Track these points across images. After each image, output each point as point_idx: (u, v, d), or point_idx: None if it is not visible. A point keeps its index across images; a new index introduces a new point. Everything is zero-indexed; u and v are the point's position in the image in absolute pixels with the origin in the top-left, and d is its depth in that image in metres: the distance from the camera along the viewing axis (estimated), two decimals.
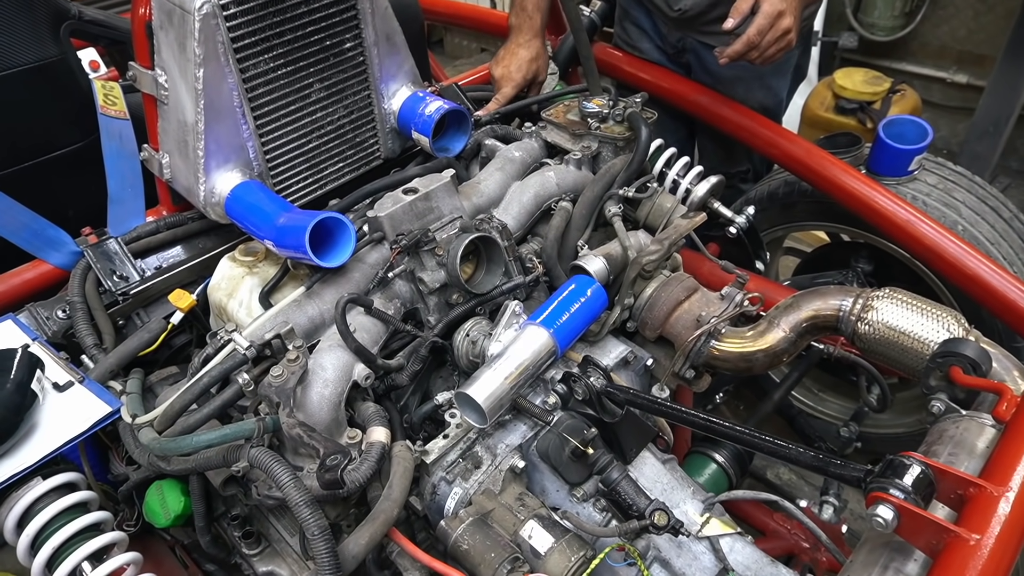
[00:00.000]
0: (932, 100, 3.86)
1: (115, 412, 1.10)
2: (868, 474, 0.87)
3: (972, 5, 3.56)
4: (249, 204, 1.29)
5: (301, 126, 1.40)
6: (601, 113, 1.53)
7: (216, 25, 1.19)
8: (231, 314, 1.28)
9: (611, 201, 1.43)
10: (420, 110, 1.48)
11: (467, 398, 1.11)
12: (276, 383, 1.02)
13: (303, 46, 1.33)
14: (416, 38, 1.99)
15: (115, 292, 1.33)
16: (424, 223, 1.30)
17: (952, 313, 1.18)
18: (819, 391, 2.30)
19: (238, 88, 1.27)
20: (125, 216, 1.46)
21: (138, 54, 1.35)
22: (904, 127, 1.77)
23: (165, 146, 1.38)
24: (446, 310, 1.30)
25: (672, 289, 1.36)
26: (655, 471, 1.28)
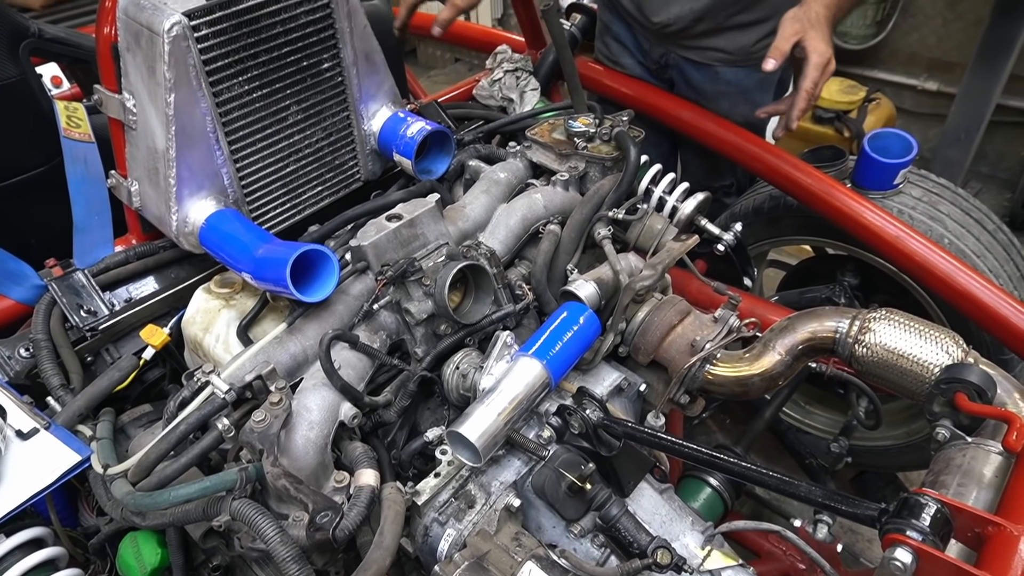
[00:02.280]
0: (904, 107, 3.91)
1: (85, 461, 1.03)
2: (883, 513, 0.84)
3: (941, 13, 3.61)
4: (225, 234, 1.23)
5: (278, 150, 1.34)
6: (588, 132, 1.50)
7: (187, 47, 1.14)
8: (207, 350, 1.22)
9: (600, 223, 1.40)
10: (402, 131, 1.43)
11: (460, 436, 1.06)
12: (258, 429, 0.96)
13: (279, 67, 1.28)
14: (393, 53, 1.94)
15: (82, 328, 1.26)
16: (409, 251, 1.25)
17: (951, 335, 1.16)
18: (806, 404, 2.28)
19: (211, 112, 1.21)
20: (92, 246, 1.38)
21: (103, 77, 1.28)
22: (889, 141, 1.76)
23: (134, 173, 1.31)
24: (434, 341, 1.25)
25: (665, 313, 1.33)
26: (653, 502, 1.25)
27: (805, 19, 1.42)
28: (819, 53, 1.40)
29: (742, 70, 1.81)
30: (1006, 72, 3.18)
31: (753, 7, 1.71)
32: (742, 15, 1.73)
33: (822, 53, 1.40)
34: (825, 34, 1.42)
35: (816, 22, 1.42)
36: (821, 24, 1.42)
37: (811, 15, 1.42)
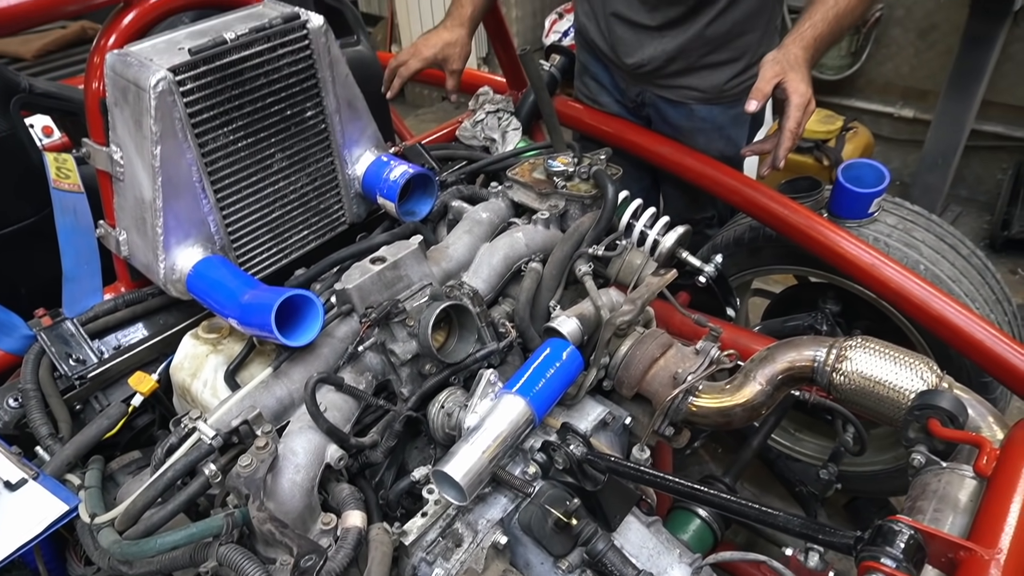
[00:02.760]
0: (882, 134, 3.99)
1: (72, 511, 1.04)
2: (858, 541, 0.85)
3: (913, 43, 3.71)
4: (212, 281, 1.25)
5: (263, 196, 1.37)
6: (566, 171, 1.54)
7: (173, 101, 1.17)
8: (195, 395, 1.23)
9: (581, 260, 1.43)
10: (385, 175, 1.47)
11: (445, 476, 1.07)
12: (245, 473, 0.98)
13: (263, 117, 1.31)
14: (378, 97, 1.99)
15: (71, 376, 1.27)
16: (393, 292, 1.28)
17: (925, 361, 1.19)
18: (795, 431, 2.30)
19: (197, 163, 1.24)
20: (81, 295, 1.40)
21: (92, 130, 1.31)
22: (862, 170, 1.81)
23: (122, 223, 1.34)
24: (419, 381, 1.27)
25: (647, 347, 1.35)
26: (640, 536, 1.25)
27: (784, 61, 1.48)
28: (799, 94, 1.45)
29: (716, 107, 1.86)
30: (978, 98, 3.27)
31: (722, 48, 1.77)
32: (712, 55, 1.78)
33: (802, 94, 1.46)
34: (804, 75, 1.48)
35: (795, 64, 1.47)
36: (800, 66, 1.47)
37: (790, 58, 1.48)
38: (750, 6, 1.71)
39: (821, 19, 1.48)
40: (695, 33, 1.74)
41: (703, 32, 1.74)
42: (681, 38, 1.76)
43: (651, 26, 1.78)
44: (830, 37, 1.51)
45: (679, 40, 1.76)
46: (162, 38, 1.26)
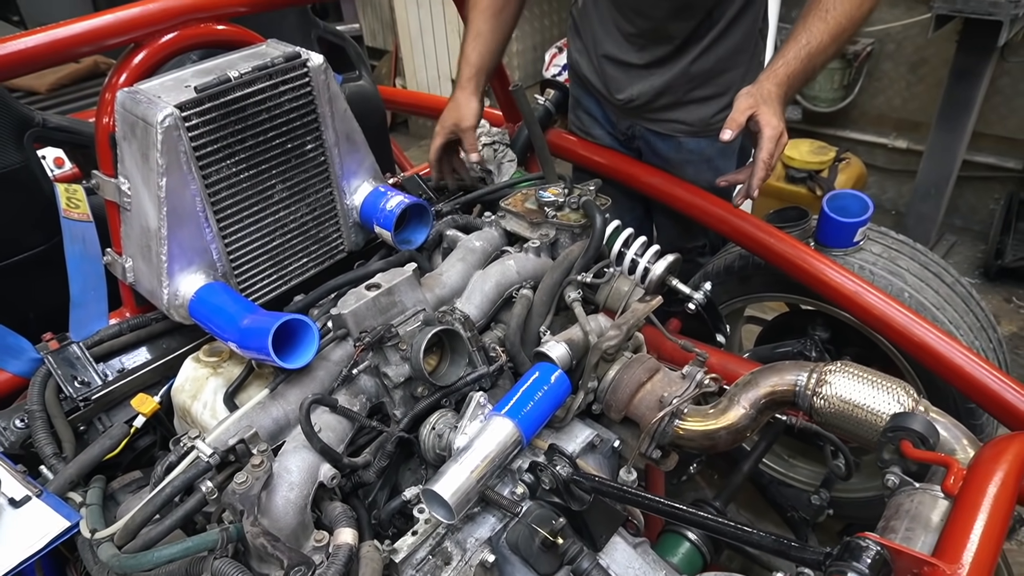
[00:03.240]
0: (877, 164, 4.06)
1: (73, 527, 1.08)
2: (827, 556, 0.89)
3: (904, 76, 3.79)
4: (213, 306, 1.30)
5: (264, 225, 1.43)
6: (557, 201, 1.59)
7: (178, 136, 1.23)
8: (195, 416, 1.28)
9: (570, 287, 1.47)
10: (382, 205, 1.52)
11: (434, 494, 1.11)
12: (240, 490, 1.02)
13: (265, 150, 1.37)
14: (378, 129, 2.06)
15: (76, 398, 1.32)
16: (387, 317, 1.32)
17: (902, 384, 1.23)
18: (789, 457, 2.32)
19: (200, 194, 1.30)
20: (87, 319, 1.46)
21: (101, 163, 1.38)
22: (847, 201, 1.86)
23: (128, 250, 1.40)
24: (412, 403, 1.31)
25: (634, 371, 1.39)
26: (626, 556, 1.28)
27: (757, 95, 1.53)
28: (771, 127, 1.51)
29: (704, 140, 1.92)
30: (968, 130, 3.34)
31: (707, 84, 1.84)
32: (698, 91, 1.85)
33: (775, 127, 1.51)
34: (776, 109, 1.53)
35: (767, 98, 1.53)
36: (772, 100, 1.53)
37: (763, 92, 1.53)
38: (732, 44, 1.78)
39: (794, 57, 1.53)
40: (680, 70, 1.81)
41: (688, 69, 1.81)
42: (667, 75, 1.83)
43: (639, 64, 1.86)
44: (803, 75, 1.55)
45: (666, 77, 1.83)
46: (170, 76, 1.33)
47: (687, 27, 1.77)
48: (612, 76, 1.91)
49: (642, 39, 1.84)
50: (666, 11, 1.76)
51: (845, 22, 1.52)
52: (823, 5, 1.52)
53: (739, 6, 1.75)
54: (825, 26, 1.51)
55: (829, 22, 1.51)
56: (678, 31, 1.80)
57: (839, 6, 1.51)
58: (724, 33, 1.78)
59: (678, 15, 1.76)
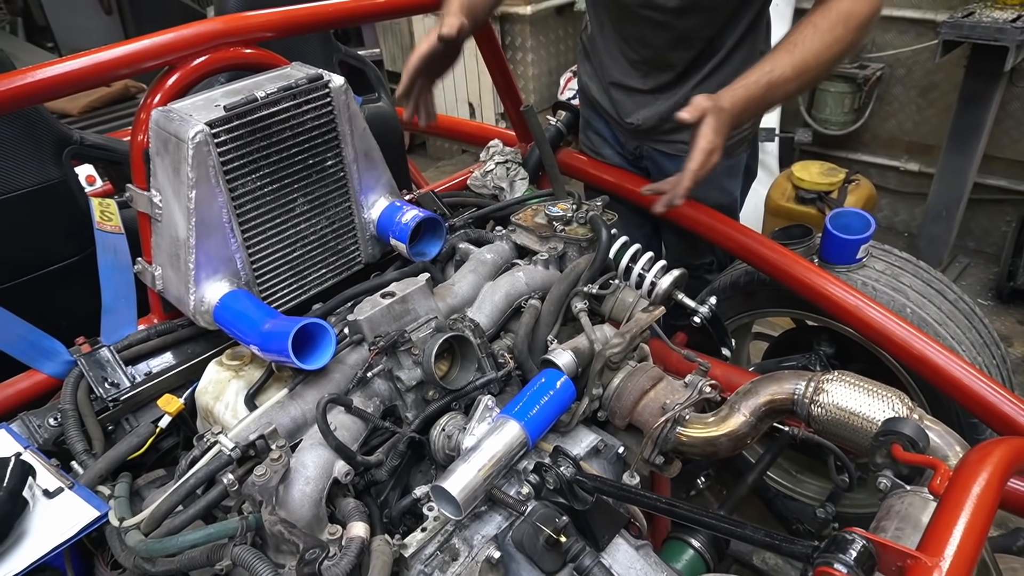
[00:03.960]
0: (888, 187, 4.09)
1: (103, 516, 1.14)
2: (815, 550, 0.93)
3: (914, 101, 3.84)
4: (236, 312, 1.37)
5: (286, 237, 1.51)
6: (565, 216, 1.66)
7: (208, 151, 1.31)
8: (217, 416, 1.34)
9: (577, 298, 1.53)
10: (397, 219, 1.60)
11: (442, 491, 1.16)
12: (259, 482, 1.08)
13: (288, 165, 1.45)
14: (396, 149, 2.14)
15: (106, 399, 1.39)
16: (401, 324, 1.39)
17: (897, 393, 1.26)
18: (797, 472, 2.34)
19: (227, 206, 1.38)
20: (118, 325, 1.53)
21: (135, 177, 1.46)
22: (849, 219, 1.91)
23: (158, 259, 1.48)
24: (423, 406, 1.37)
25: (638, 379, 1.44)
26: (628, 557, 1.32)
27: (711, 104, 1.48)
28: (707, 140, 1.47)
29: None
30: (978, 154, 3.37)
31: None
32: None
33: (710, 141, 1.48)
34: (719, 125, 1.48)
35: (718, 112, 1.48)
36: (720, 114, 1.48)
37: (718, 102, 1.49)
38: (734, 71, 1.84)
39: (755, 82, 1.50)
40: (684, 96, 1.88)
41: (691, 95, 1.87)
42: (671, 100, 1.90)
43: (644, 90, 1.93)
44: (759, 103, 1.53)
45: (670, 103, 1.90)
46: (201, 96, 1.42)
47: (687, 56, 1.84)
48: (619, 101, 1.99)
49: (645, 66, 1.91)
50: (665, 41, 1.83)
51: (811, 60, 1.50)
52: (793, 39, 1.51)
53: (739, 35, 1.82)
54: (791, 59, 1.50)
55: (795, 56, 1.49)
56: (678, 60, 1.86)
57: (807, 43, 1.49)
58: (725, 61, 1.85)
59: (677, 45, 1.83)
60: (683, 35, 1.81)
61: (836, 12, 1.49)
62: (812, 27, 1.50)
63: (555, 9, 4.51)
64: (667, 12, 1.77)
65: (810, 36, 1.50)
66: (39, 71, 1.30)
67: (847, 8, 1.49)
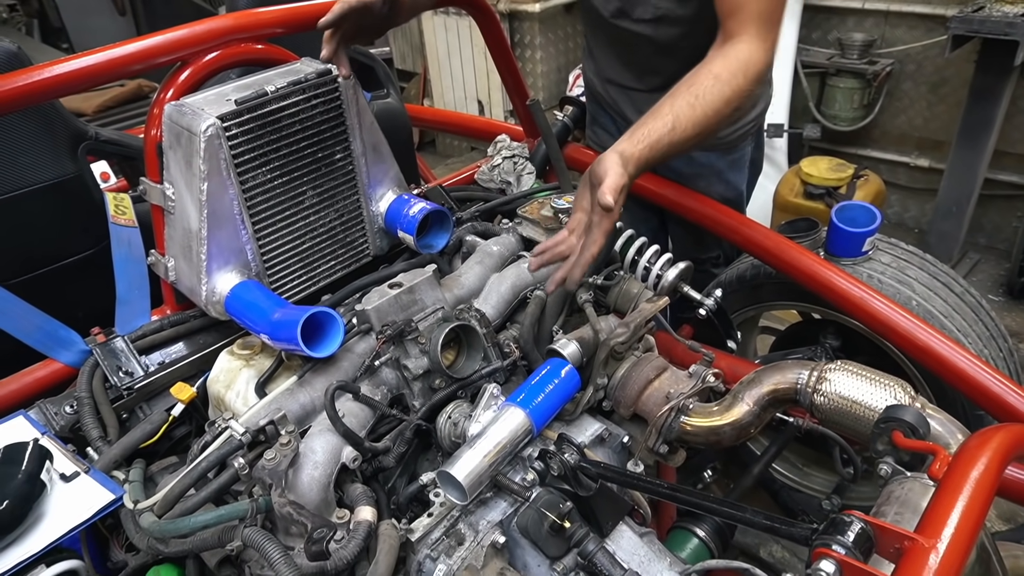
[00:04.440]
0: (899, 183, 4.08)
1: (118, 499, 1.17)
2: (814, 532, 0.94)
3: (924, 96, 3.82)
4: (247, 302, 1.40)
5: (295, 229, 1.53)
6: (571, 209, 1.67)
7: (219, 144, 1.34)
8: (228, 404, 1.37)
9: (582, 289, 1.55)
10: (405, 211, 1.62)
11: (448, 476, 1.18)
12: (269, 466, 1.10)
13: (297, 159, 1.48)
14: (404, 144, 2.17)
15: (120, 387, 1.42)
16: (408, 314, 1.41)
17: (899, 382, 1.27)
18: (803, 466, 2.35)
19: (238, 198, 1.40)
20: (132, 316, 1.56)
21: (149, 170, 1.49)
22: (855, 212, 1.91)
23: (171, 251, 1.51)
24: (429, 394, 1.39)
25: (642, 369, 1.45)
26: (632, 544, 1.34)
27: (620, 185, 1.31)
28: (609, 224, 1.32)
29: (713, 153, 1.99)
30: (989, 149, 3.36)
31: None
32: None
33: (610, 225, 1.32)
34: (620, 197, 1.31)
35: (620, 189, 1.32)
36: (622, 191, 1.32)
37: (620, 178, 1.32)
38: None
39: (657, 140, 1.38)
40: None
41: None
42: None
43: (641, 89, 1.94)
44: (658, 160, 1.42)
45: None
46: (212, 91, 1.44)
47: (672, 63, 1.84)
48: (617, 99, 2.00)
49: (636, 68, 1.92)
50: (648, 50, 1.83)
51: (712, 115, 1.41)
52: (694, 90, 1.41)
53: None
54: (692, 114, 1.40)
55: (696, 111, 1.40)
56: (664, 66, 1.85)
57: (708, 97, 1.40)
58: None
59: (660, 53, 1.83)
60: (663, 45, 1.80)
61: (736, 61, 1.44)
62: (713, 78, 1.42)
63: (564, 7, 4.52)
64: (641, 24, 1.77)
65: (710, 88, 1.41)
66: (55, 67, 1.33)
67: (746, 57, 1.44)
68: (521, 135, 2.35)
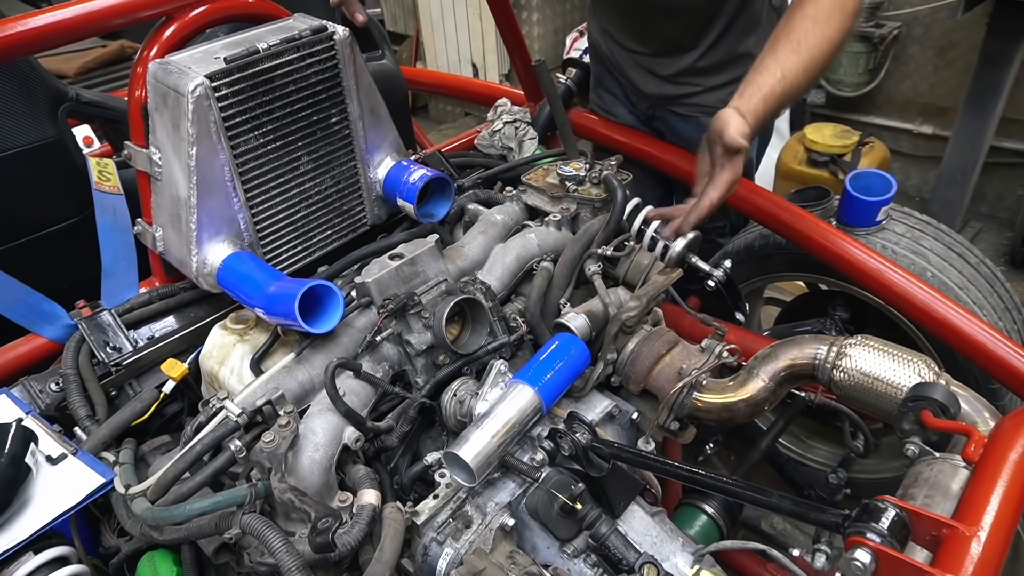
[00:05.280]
0: (901, 150, 4.01)
1: (108, 483, 1.11)
2: (846, 519, 0.89)
3: (931, 61, 3.74)
4: (240, 274, 1.33)
5: (290, 197, 1.46)
6: (578, 176, 1.60)
7: (208, 106, 1.26)
8: (223, 381, 1.31)
9: (591, 260, 1.48)
10: (404, 178, 1.54)
11: (455, 457, 1.13)
12: (267, 449, 1.04)
13: (291, 122, 1.40)
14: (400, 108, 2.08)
15: (108, 363, 1.36)
16: (410, 287, 1.35)
17: (923, 358, 1.23)
18: (807, 438, 2.32)
19: (229, 164, 1.32)
20: (119, 288, 1.49)
21: (133, 134, 1.41)
22: (870, 180, 1.85)
23: (158, 220, 1.43)
24: (433, 371, 1.33)
25: (653, 343, 1.40)
26: (644, 524, 1.30)
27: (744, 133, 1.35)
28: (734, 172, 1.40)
29: None
30: (996, 116, 3.28)
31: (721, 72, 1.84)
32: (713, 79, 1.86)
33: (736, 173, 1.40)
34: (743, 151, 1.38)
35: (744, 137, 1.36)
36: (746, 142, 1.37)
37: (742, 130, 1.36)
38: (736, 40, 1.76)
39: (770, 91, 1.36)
40: (688, 65, 1.83)
41: (694, 65, 1.83)
42: (675, 67, 1.85)
43: (647, 53, 1.88)
44: (775, 112, 1.42)
45: (673, 69, 1.85)
46: (200, 48, 1.36)
47: (677, 27, 1.79)
48: (622, 61, 1.93)
49: (641, 34, 1.86)
50: (649, 12, 1.78)
51: (818, 57, 1.37)
52: (795, 35, 1.37)
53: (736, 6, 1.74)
54: (798, 60, 1.36)
55: (802, 56, 1.36)
56: (671, 32, 1.80)
57: (811, 39, 1.36)
58: (725, 32, 1.78)
59: (666, 19, 1.77)
60: (664, 7, 1.74)
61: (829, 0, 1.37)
62: (811, 21, 1.37)
63: None
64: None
65: (811, 31, 1.36)
66: (31, 19, 1.24)
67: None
68: (522, 99, 2.26)
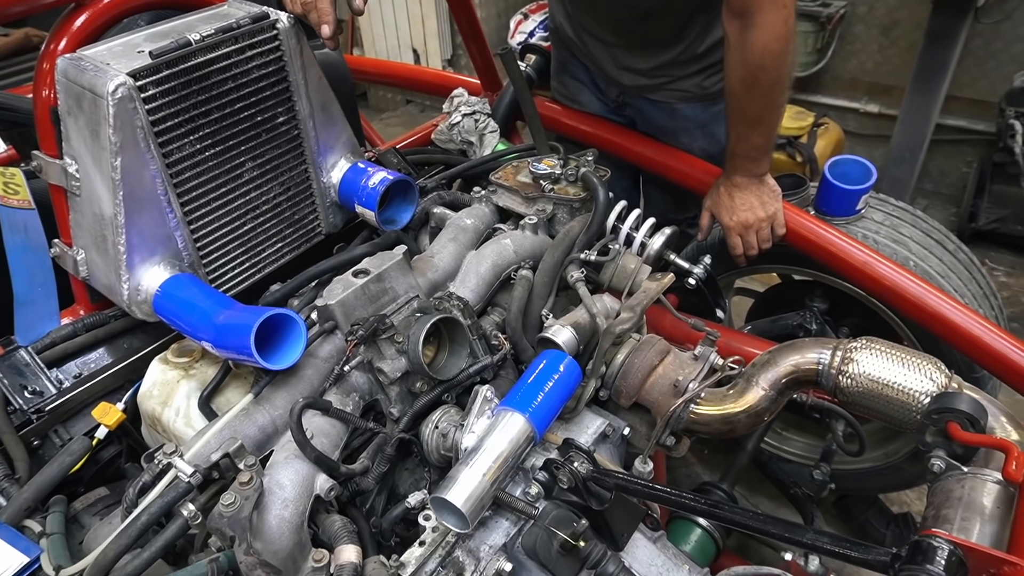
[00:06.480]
0: (848, 129, 4.03)
1: (34, 562, 0.94)
2: (895, 559, 0.81)
3: (876, 40, 3.75)
4: (182, 301, 1.16)
5: (234, 208, 1.29)
6: (553, 174, 1.48)
7: (133, 109, 1.08)
8: (167, 425, 1.14)
9: (573, 266, 1.37)
10: (363, 182, 1.39)
11: (445, 502, 1.00)
12: (228, 513, 0.89)
13: (232, 124, 1.23)
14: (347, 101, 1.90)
15: (27, 410, 1.17)
16: (378, 306, 1.20)
17: (933, 361, 1.16)
18: (783, 430, 2.27)
19: (161, 175, 1.15)
20: (36, 320, 1.30)
21: (43, 142, 1.22)
22: (848, 167, 1.79)
23: (80, 241, 1.24)
24: (409, 400, 1.19)
25: (645, 354, 1.30)
26: (648, 553, 1.20)
27: (710, 201, 1.68)
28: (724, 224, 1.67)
29: (699, 105, 1.82)
30: (942, 94, 3.31)
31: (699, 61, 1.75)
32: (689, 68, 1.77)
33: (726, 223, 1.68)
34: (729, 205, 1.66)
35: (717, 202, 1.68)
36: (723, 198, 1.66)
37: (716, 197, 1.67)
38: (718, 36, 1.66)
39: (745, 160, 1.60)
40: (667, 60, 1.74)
41: (675, 59, 1.73)
42: (651, 62, 1.76)
43: (620, 45, 1.78)
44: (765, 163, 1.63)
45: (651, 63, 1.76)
46: (118, 41, 1.17)
47: (657, 28, 1.70)
48: (596, 52, 1.81)
49: (613, 25, 1.76)
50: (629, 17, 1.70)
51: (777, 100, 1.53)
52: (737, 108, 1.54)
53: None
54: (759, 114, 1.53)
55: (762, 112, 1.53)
56: (650, 32, 1.72)
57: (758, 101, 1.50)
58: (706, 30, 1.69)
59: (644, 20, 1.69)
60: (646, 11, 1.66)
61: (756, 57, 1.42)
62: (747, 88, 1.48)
63: None
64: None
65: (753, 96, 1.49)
66: None
67: (761, 47, 1.40)
68: (478, 88, 2.11)
